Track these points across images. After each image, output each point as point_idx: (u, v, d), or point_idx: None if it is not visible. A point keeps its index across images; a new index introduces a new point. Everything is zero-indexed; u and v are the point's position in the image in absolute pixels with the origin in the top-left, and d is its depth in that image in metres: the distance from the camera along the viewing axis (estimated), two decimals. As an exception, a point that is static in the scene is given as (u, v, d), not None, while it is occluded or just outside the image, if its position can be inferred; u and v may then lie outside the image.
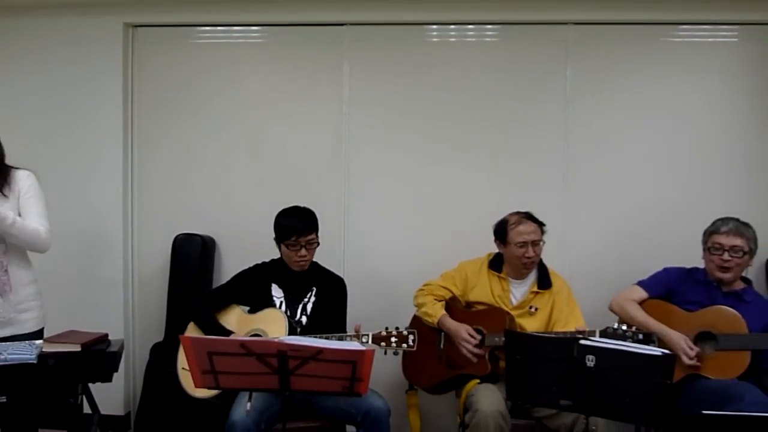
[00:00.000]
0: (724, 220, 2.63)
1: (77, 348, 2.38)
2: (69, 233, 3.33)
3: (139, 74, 3.47)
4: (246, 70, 3.44)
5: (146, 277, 3.50)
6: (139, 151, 3.49)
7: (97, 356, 2.45)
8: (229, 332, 2.62)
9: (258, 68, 3.44)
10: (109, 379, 2.51)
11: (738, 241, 2.55)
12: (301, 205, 2.78)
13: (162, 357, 3.23)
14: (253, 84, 3.44)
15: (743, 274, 2.66)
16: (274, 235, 2.73)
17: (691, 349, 2.46)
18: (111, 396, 3.25)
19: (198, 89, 3.45)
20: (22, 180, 2.43)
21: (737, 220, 2.62)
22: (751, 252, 2.57)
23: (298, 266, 2.71)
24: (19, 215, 2.38)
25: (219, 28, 3.44)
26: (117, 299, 3.42)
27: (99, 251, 3.32)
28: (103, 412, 2.75)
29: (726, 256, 2.55)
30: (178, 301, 3.29)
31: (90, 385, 2.60)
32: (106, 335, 2.61)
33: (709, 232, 2.65)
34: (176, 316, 3.27)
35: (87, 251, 3.22)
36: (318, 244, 2.73)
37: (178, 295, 3.31)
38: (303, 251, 2.67)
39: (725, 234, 2.58)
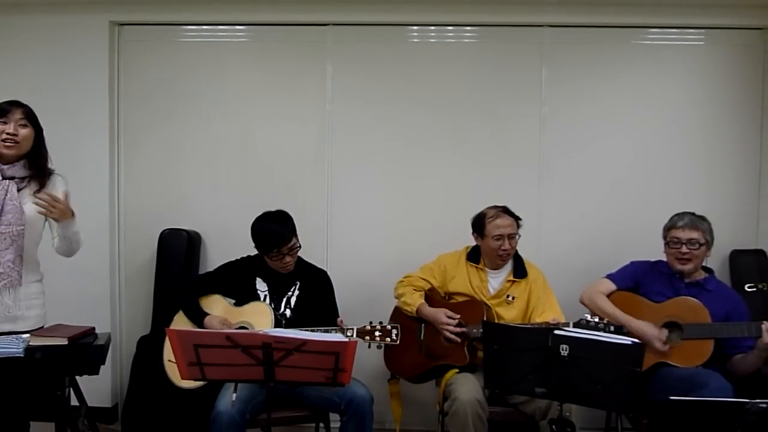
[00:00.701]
0: (680, 215, 2.74)
1: (64, 341, 2.38)
2: (56, 228, 3.38)
3: (125, 72, 3.49)
4: (231, 69, 3.48)
5: (133, 271, 3.53)
6: (126, 148, 3.52)
7: (84, 349, 2.46)
8: (205, 314, 2.66)
9: (242, 67, 3.48)
10: (96, 371, 2.53)
11: (694, 234, 2.66)
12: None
13: (149, 349, 3.26)
14: (238, 82, 3.48)
15: (704, 264, 2.77)
16: (254, 245, 2.75)
17: (661, 336, 2.56)
18: (98, 388, 3.27)
19: (183, 87, 3.48)
20: (59, 185, 2.48)
21: (693, 214, 2.73)
22: (708, 243, 2.68)
23: (285, 271, 2.75)
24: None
25: (204, 27, 3.47)
26: (104, 293, 3.45)
27: (86, 245, 3.28)
28: (90, 404, 2.78)
29: (684, 248, 2.66)
30: (165, 294, 3.32)
31: (77, 377, 2.63)
32: (93, 329, 2.63)
33: (667, 227, 2.76)
34: (163, 309, 3.30)
35: (74, 246, 3.24)
36: (300, 246, 2.75)
37: (164, 289, 3.34)
38: (287, 258, 2.70)
39: (682, 228, 2.69)
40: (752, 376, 2.63)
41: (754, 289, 3.19)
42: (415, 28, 3.44)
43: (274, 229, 2.68)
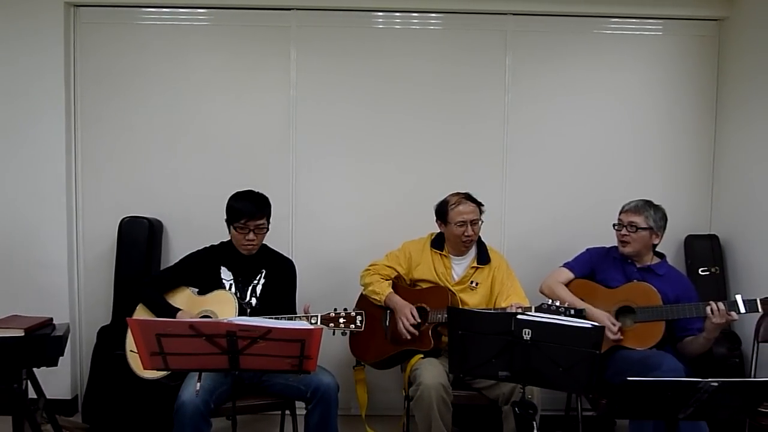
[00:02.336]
0: (632, 201, 2.83)
1: (20, 333, 2.35)
2: (10, 216, 3.29)
3: (82, 55, 3.38)
4: (192, 53, 3.41)
5: (92, 260, 3.44)
6: (83, 133, 3.41)
7: (42, 341, 2.42)
8: (176, 310, 2.62)
9: (204, 51, 3.41)
10: (54, 363, 2.48)
11: (634, 218, 2.75)
12: (252, 188, 2.78)
13: (109, 340, 3.20)
14: (200, 67, 3.41)
15: (658, 249, 2.85)
16: (225, 217, 2.75)
17: (614, 324, 2.64)
18: (58, 380, 3.22)
19: (143, 71, 3.39)
20: None
21: (645, 201, 2.81)
22: (651, 229, 2.75)
23: (245, 250, 2.73)
24: None
25: (164, 9, 3.39)
26: (62, 283, 3.35)
27: (42, 234, 3.25)
28: (49, 396, 2.73)
29: (624, 231, 2.76)
30: (125, 284, 3.26)
31: (35, 369, 2.57)
32: (51, 319, 2.58)
33: (619, 211, 2.85)
34: (123, 299, 3.24)
35: (29, 234, 3.14)
36: (267, 230, 2.75)
37: (125, 278, 3.27)
38: (251, 235, 2.68)
39: (626, 212, 2.79)
40: (704, 357, 2.73)
41: (708, 273, 3.34)
42: (381, 13, 3.42)
43: (250, 201, 2.70)
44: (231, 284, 2.75)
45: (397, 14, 3.42)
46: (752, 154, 3.21)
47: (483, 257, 2.91)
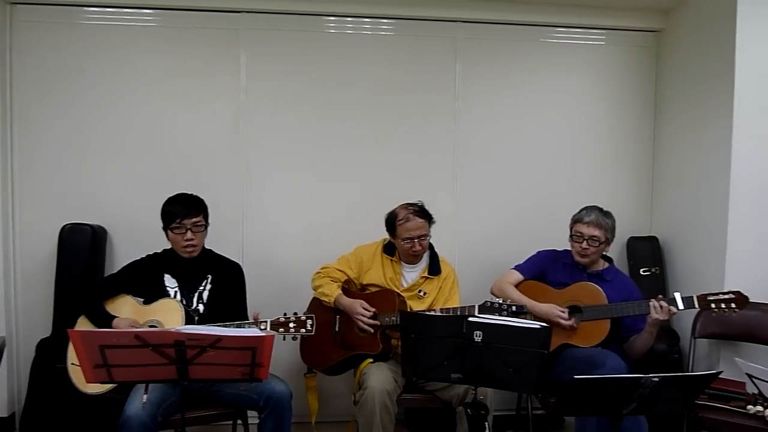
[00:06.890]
0: (588, 210, 2.88)
1: (-48, 347, 2.23)
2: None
3: (19, 55, 3.24)
4: (138, 55, 3.31)
5: (30, 269, 3.29)
6: (20, 137, 3.26)
7: (-25, 355, 2.30)
8: (112, 317, 2.55)
9: (151, 53, 3.32)
10: (-11, 379, 2.36)
11: (596, 232, 2.81)
12: (200, 193, 2.73)
13: (50, 353, 3.07)
14: (146, 69, 3.32)
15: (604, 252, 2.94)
16: (162, 224, 2.68)
17: (563, 311, 2.72)
18: (-8, 397, 3.07)
19: (86, 73, 3.28)
20: None
21: (600, 210, 2.88)
22: (608, 240, 2.85)
23: (186, 253, 2.65)
24: None
25: (108, 9, 3.29)
26: (-3, 294, 3.20)
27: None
28: (-17, 414, 2.60)
29: (585, 244, 2.82)
30: (66, 293, 3.13)
31: (-32, 386, 2.45)
32: (-15, 333, 2.46)
33: (574, 220, 2.91)
34: (64, 309, 3.11)
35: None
36: (205, 227, 2.69)
37: (66, 288, 3.14)
38: (189, 234, 2.61)
39: (587, 224, 2.83)
40: (645, 354, 2.83)
41: (648, 273, 3.48)
42: (332, 18, 3.42)
43: (181, 202, 2.65)
44: (176, 291, 2.68)
45: (349, 19, 3.43)
46: (688, 159, 3.35)
47: (434, 268, 2.94)
